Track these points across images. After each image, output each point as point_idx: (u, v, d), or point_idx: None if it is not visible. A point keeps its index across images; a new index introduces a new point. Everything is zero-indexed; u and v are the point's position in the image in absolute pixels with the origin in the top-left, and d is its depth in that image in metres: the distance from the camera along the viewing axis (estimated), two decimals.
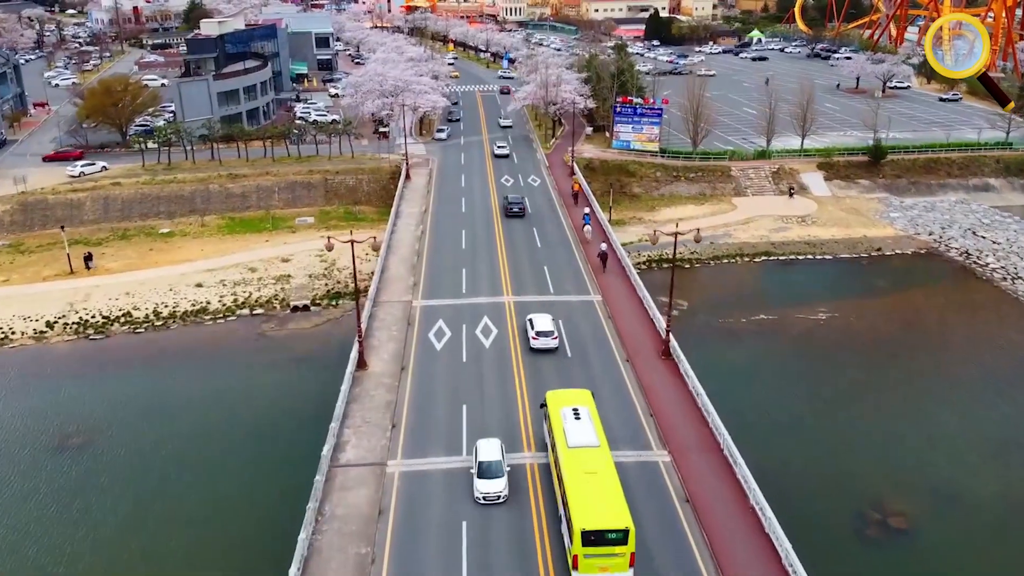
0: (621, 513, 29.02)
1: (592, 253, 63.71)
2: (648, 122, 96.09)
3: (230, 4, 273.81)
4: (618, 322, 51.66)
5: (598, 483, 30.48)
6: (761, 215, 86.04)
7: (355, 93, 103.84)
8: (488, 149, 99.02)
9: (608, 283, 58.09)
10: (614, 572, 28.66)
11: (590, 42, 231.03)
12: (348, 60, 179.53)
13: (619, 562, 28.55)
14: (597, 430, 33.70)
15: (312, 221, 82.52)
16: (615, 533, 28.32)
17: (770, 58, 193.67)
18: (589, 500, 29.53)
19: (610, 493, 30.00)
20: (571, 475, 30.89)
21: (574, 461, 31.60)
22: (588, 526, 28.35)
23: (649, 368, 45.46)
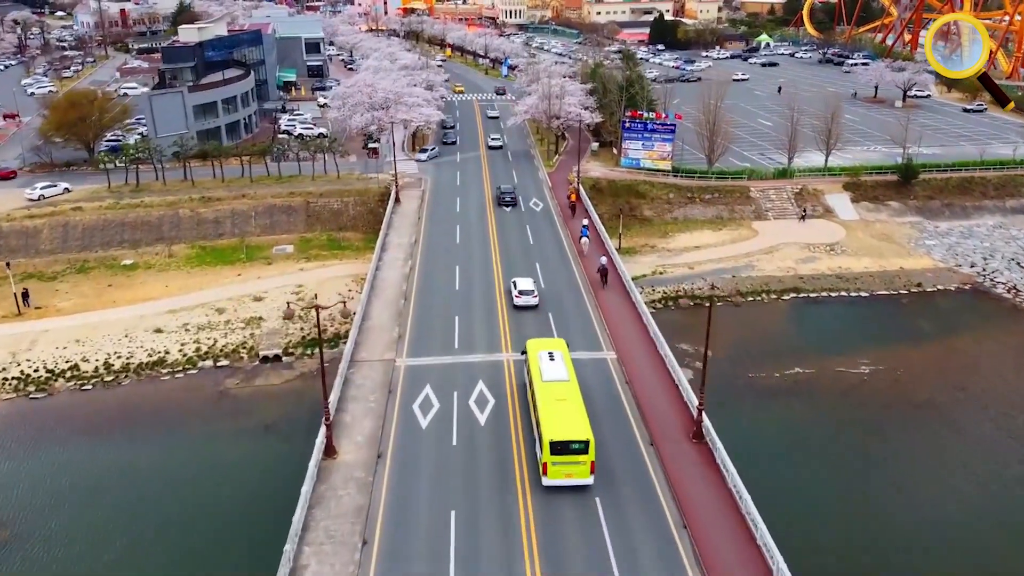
0: (583, 428, 34.37)
1: (591, 268, 60.57)
2: (660, 139, 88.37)
3: (222, 6, 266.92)
4: (637, 388, 43.91)
5: (565, 407, 35.85)
6: (786, 243, 78.29)
7: (342, 106, 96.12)
8: (487, 167, 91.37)
9: (622, 333, 50.20)
10: (577, 477, 34.13)
11: (593, 46, 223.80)
12: (341, 66, 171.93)
13: (581, 469, 34.04)
14: (568, 368, 39.34)
15: (291, 250, 74.79)
16: (578, 444, 33.75)
17: (780, 63, 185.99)
18: (557, 419, 34.94)
19: (575, 414, 35.43)
20: (543, 401, 36.48)
21: (546, 391, 37.23)
22: (555, 437, 33.82)
23: (678, 456, 37.63)
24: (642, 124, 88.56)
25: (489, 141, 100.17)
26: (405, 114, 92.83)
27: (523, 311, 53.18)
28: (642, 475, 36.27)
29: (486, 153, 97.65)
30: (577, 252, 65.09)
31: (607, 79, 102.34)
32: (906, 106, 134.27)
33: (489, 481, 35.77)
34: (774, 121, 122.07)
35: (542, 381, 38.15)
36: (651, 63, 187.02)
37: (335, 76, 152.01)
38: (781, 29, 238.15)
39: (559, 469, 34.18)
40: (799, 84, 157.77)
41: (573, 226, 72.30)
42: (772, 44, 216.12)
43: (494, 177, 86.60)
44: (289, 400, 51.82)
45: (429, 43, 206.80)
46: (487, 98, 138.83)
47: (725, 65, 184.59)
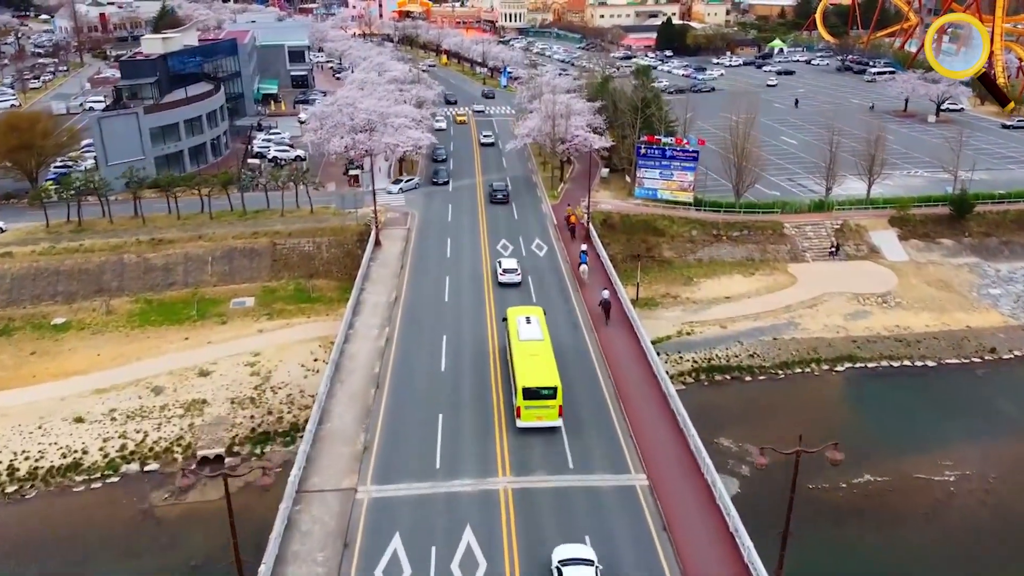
0: (552, 376, 39.52)
1: (592, 300, 55.03)
2: (680, 167, 77.36)
3: (210, 10, 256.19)
4: (677, 534, 32.91)
5: (538, 360, 40.64)
6: (830, 292, 67.27)
7: (320, 127, 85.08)
8: (482, 198, 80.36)
9: (655, 453, 38.88)
10: (546, 419, 39.28)
11: (596, 52, 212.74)
12: (330, 75, 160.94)
13: (550, 412, 39.22)
14: (543, 330, 43.63)
15: (251, 304, 63.77)
16: (547, 390, 38.99)
17: (796, 71, 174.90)
18: (529, 369, 40.04)
19: (546, 366, 40.34)
20: (519, 356, 41.14)
21: (522, 348, 41.86)
22: (527, 384, 39.18)
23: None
24: (660, 150, 77.53)
25: (482, 138, 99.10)
26: (391, 137, 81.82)
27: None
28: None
29: (483, 180, 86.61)
30: (575, 279, 59.92)
31: (618, 96, 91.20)
32: (940, 121, 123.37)
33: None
34: (800, 139, 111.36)
35: (519, 340, 42.86)
36: (659, 71, 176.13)
37: (322, 87, 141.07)
38: (795, 34, 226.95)
39: (531, 412, 39.11)
40: (819, 95, 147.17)
41: (572, 251, 65.50)
42: (786, 50, 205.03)
43: (491, 215, 75.54)
44: (227, 529, 40.76)
45: (424, 49, 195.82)
46: (486, 112, 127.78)
47: (739, 73, 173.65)
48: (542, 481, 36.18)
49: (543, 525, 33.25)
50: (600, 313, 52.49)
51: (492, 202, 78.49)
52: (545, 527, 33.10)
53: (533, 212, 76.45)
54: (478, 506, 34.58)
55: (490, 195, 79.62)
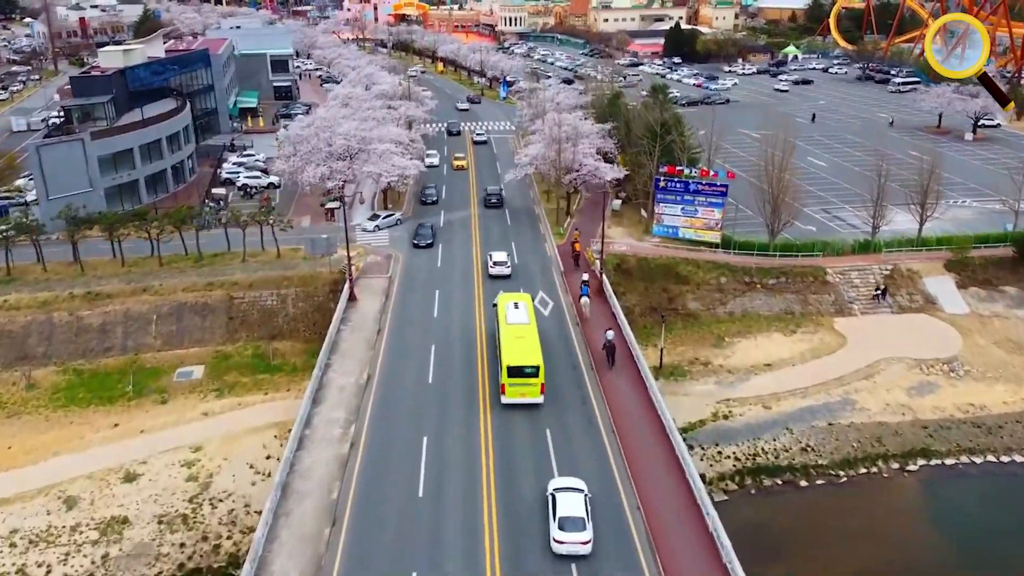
0: (535, 356, 41.79)
1: (593, 337, 50.18)
2: (707, 203, 67.02)
3: (198, 14, 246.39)
4: None
5: (523, 342, 42.97)
6: (886, 356, 56.98)
7: (294, 153, 74.79)
8: (477, 234, 70.06)
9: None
10: (529, 396, 41.83)
11: (600, 58, 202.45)
12: (318, 84, 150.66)
13: (533, 390, 41.75)
14: (529, 315, 46.44)
15: (199, 375, 53.50)
16: (530, 368, 41.47)
17: (814, 80, 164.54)
18: (515, 349, 42.30)
19: (530, 347, 42.58)
20: (506, 338, 43.56)
21: (509, 331, 44.33)
22: (512, 363, 41.53)
23: None
24: (682, 184, 67.20)
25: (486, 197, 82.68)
26: (374, 166, 71.53)
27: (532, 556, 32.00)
28: None
29: (478, 212, 76.26)
30: (576, 314, 54.19)
31: (631, 116, 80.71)
32: (977, 139, 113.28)
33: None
34: (829, 161, 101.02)
35: (507, 324, 45.02)
36: (668, 79, 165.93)
37: (308, 98, 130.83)
38: (808, 40, 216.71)
39: (515, 390, 41.75)
40: (841, 107, 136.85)
41: (574, 282, 59.03)
42: (800, 57, 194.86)
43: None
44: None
45: (420, 55, 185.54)
46: (484, 128, 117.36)
47: (753, 82, 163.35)
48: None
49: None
50: (603, 357, 47.44)
51: (486, 206, 77.33)
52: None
53: (536, 254, 66.02)
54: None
55: (484, 200, 78.16)
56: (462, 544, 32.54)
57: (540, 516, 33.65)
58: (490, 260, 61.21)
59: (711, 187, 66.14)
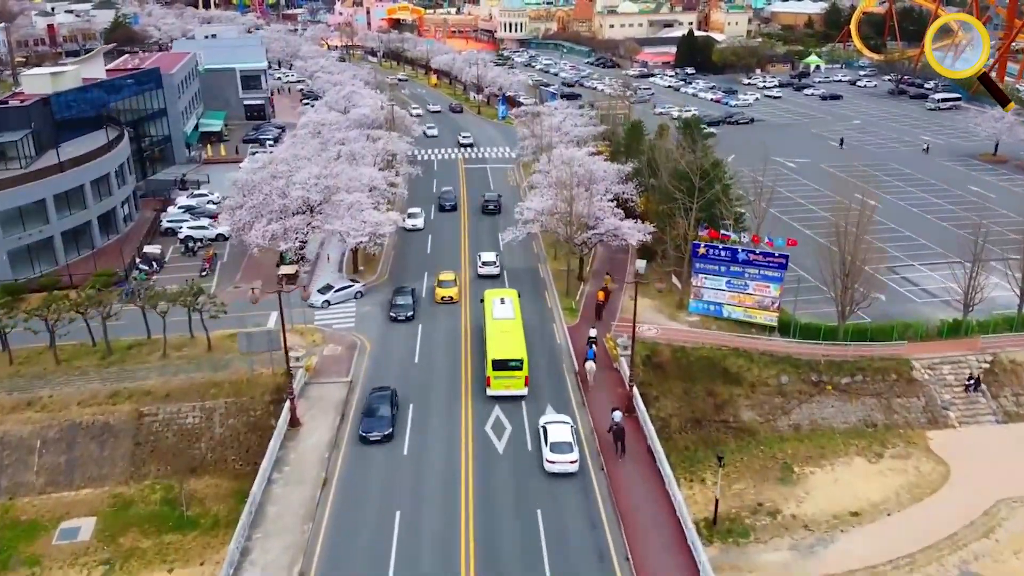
0: (519, 350, 43.53)
1: (599, 411, 42.76)
2: (760, 277, 52.65)
3: (180, 19, 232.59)
4: None
5: (508, 336, 44.86)
6: (1004, 498, 42.66)
7: (242, 204, 60.50)
8: (467, 316, 55.61)
9: None
10: (513, 389, 43.26)
11: (607, 68, 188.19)
12: (298, 99, 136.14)
13: (517, 382, 43.23)
14: (515, 310, 48.12)
15: (87, 535, 39.16)
16: (514, 361, 43.05)
17: (843, 95, 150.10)
18: (500, 343, 44.03)
19: (515, 341, 44.37)
20: (491, 332, 45.54)
21: (495, 325, 46.27)
22: (496, 356, 43.16)
23: None
24: (728, 252, 52.88)
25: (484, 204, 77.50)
26: (340, 222, 57.25)
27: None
28: None
29: (471, 276, 61.85)
30: (579, 380, 46.63)
31: (657, 158, 66.18)
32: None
33: None
34: (883, 199, 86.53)
35: (493, 319, 47.15)
36: (682, 93, 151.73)
37: (285, 117, 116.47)
38: (829, 47, 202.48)
39: (499, 382, 43.22)
40: (878, 129, 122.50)
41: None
42: (823, 67, 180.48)
43: (476, 360, 51.18)
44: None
45: (412, 65, 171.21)
46: (481, 155, 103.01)
47: (777, 97, 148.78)
48: None
49: None
50: (609, 441, 39.97)
51: (483, 212, 76.01)
52: None
53: (542, 345, 51.34)
54: None
55: (482, 207, 76.74)
56: None
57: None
58: (479, 260, 61.08)
59: (767, 258, 51.77)
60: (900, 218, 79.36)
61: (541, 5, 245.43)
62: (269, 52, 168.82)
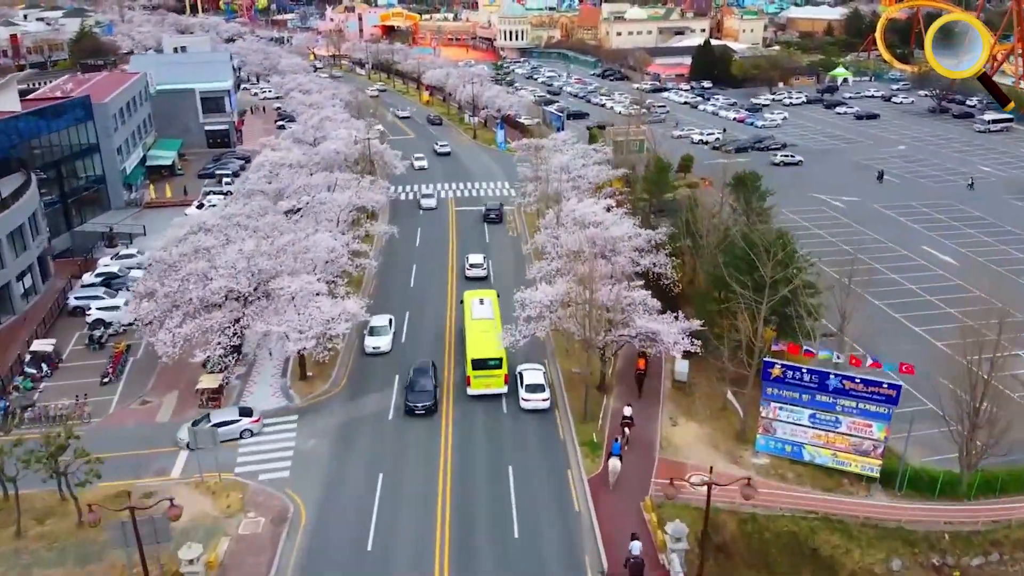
0: (498, 349, 43.51)
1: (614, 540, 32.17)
2: (858, 412, 37.59)
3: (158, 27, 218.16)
4: None
5: (486, 336, 44.76)
6: None
7: (157, 290, 45.58)
8: (449, 462, 40.70)
9: None
10: (494, 387, 43.76)
11: (616, 80, 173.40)
12: (273, 120, 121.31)
13: (496, 380, 43.65)
14: (494, 311, 48.36)
15: None
16: (493, 360, 43.34)
17: (879, 113, 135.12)
18: (479, 343, 44.24)
19: (493, 341, 44.14)
20: (470, 332, 45.95)
21: (474, 325, 46.58)
22: (476, 356, 43.41)
23: None
24: (816, 376, 37.84)
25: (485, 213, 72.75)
26: (277, 322, 42.35)
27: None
28: None
29: (453, 407, 46.81)
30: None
31: (696, 218, 51.15)
32: None
33: None
34: (956, 253, 71.67)
35: (472, 319, 47.42)
36: (700, 112, 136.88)
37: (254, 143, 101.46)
38: (854, 56, 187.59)
39: (480, 381, 43.54)
40: (926, 156, 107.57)
41: None
42: (851, 80, 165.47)
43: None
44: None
45: (403, 79, 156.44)
46: (475, 192, 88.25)
47: (804, 115, 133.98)
48: None
49: None
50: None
51: (485, 221, 73.83)
52: None
53: (548, 519, 36.38)
54: None
55: (484, 215, 74.63)
56: None
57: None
58: (467, 263, 61.08)
59: (870, 387, 36.77)
60: (984, 281, 64.13)
61: (543, 11, 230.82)
62: (246, 65, 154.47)
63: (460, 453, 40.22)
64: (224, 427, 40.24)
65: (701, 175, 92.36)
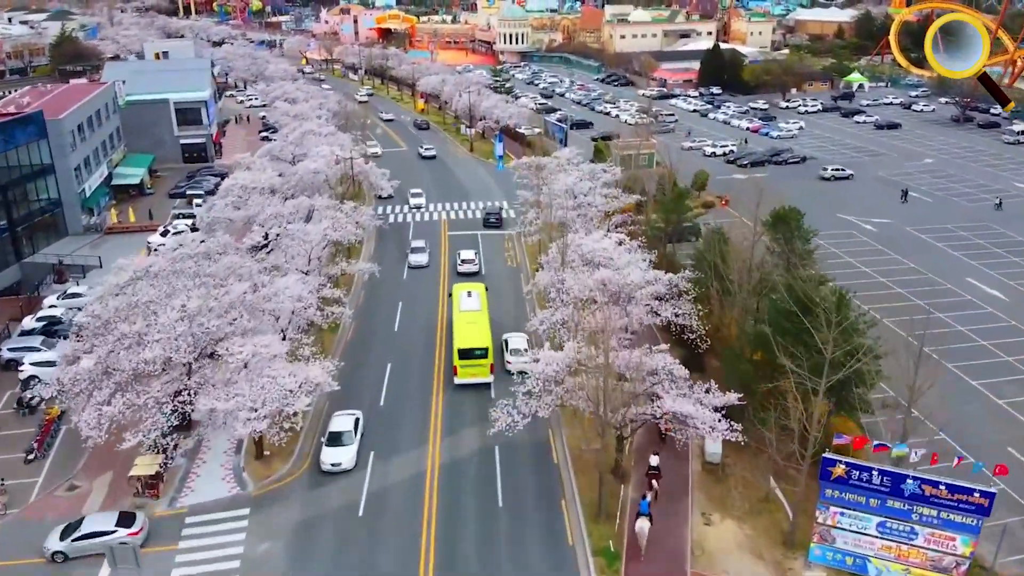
0: (484, 339, 45.59)
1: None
2: (940, 523, 30.16)
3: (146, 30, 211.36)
4: None
5: (474, 327, 46.90)
6: None
7: (77, 357, 38.17)
8: (432, 537, 33.45)
9: None
10: (480, 376, 45.44)
11: (621, 86, 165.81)
12: (256, 130, 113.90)
13: (482, 370, 45.43)
14: (481, 303, 50.72)
15: None
16: (479, 350, 45.15)
17: (901, 123, 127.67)
18: (465, 334, 46.13)
19: (480, 332, 46.38)
20: (458, 323, 47.76)
21: (462, 317, 48.64)
22: (462, 345, 45.32)
23: None
24: (889, 479, 30.34)
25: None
26: (224, 397, 34.94)
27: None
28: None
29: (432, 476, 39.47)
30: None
31: (726, 267, 43.66)
32: None
33: None
34: (1004, 286, 64.29)
35: (459, 311, 49.52)
36: (711, 120, 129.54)
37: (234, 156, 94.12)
38: (869, 62, 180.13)
39: (466, 371, 45.33)
40: (956, 170, 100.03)
41: None
42: (867, 86, 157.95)
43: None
44: None
45: (398, 85, 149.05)
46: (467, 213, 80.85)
47: (820, 124, 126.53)
48: None
49: None
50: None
51: (486, 226, 73.58)
52: None
53: None
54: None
55: (484, 220, 74.61)
56: None
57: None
58: (458, 258, 62.22)
59: (955, 494, 29.30)
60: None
61: (544, 12, 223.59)
62: (232, 71, 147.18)
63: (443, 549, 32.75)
64: (92, 539, 32.69)
65: (717, 192, 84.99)
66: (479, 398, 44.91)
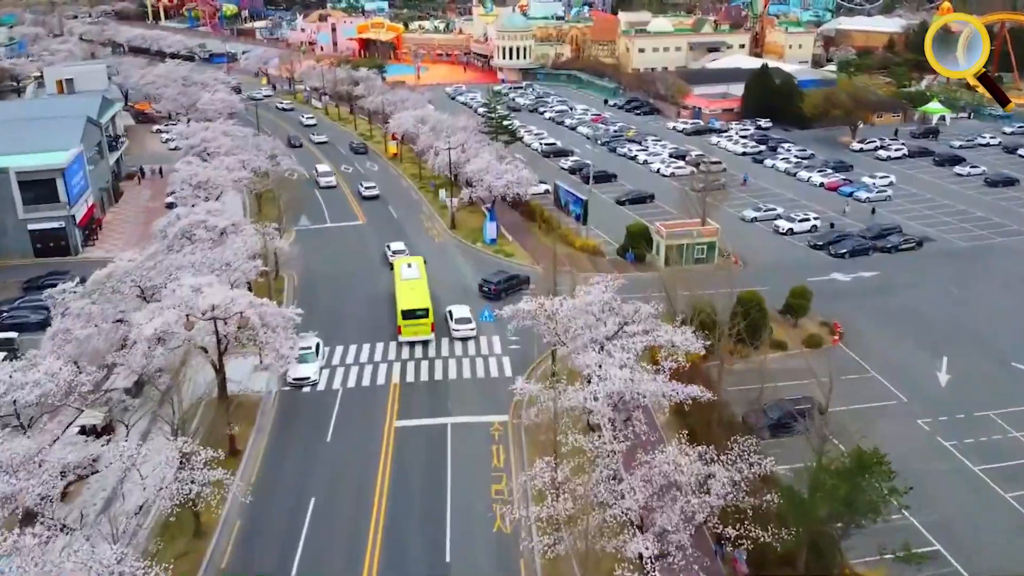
0: (424, 300, 52.62)
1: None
2: None
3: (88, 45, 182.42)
4: None
5: (415, 291, 53.72)
6: None
7: None
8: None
9: None
10: (421, 335, 52.17)
11: (646, 114, 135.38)
12: (167, 190, 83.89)
13: (424, 328, 52.17)
14: (421, 272, 57.01)
15: None
16: (420, 311, 51.90)
17: (1017, 176, 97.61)
18: (408, 296, 53.03)
19: (420, 294, 53.34)
20: (400, 290, 54.40)
21: (403, 284, 55.02)
22: (404, 307, 52.14)
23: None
24: None
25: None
26: None
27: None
28: None
29: None
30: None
31: None
32: None
33: None
34: None
35: (401, 280, 55.89)
36: (765, 168, 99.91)
37: (117, 244, 64.90)
38: (938, 82, 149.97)
39: (409, 329, 51.89)
40: None
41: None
42: (948, 118, 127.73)
43: None
44: None
45: (369, 119, 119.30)
46: (462, 323, 52.06)
47: (912, 178, 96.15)
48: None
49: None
50: None
51: (482, 295, 62.74)
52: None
53: None
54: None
55: (479, 287, 63.35)
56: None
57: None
58: (450, 316, 57.71)
59: None
60: None
61: (550, 20, 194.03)
62: (162, 100, 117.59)
63: None
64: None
65: (819, 315, 56.11)
66: None
